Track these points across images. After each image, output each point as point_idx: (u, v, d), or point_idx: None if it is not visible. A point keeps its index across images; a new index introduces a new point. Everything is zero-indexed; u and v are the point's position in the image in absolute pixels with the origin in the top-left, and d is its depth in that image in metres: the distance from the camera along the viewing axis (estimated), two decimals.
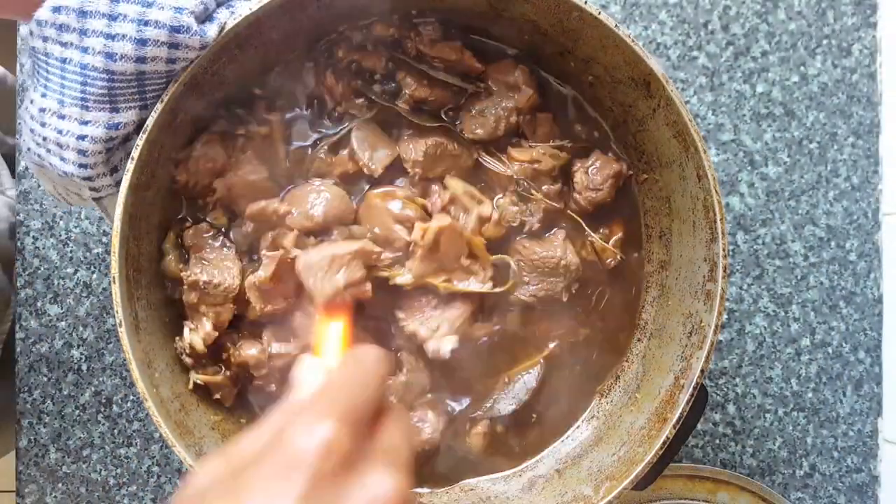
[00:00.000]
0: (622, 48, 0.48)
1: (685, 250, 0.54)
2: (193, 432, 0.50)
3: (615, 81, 0.53)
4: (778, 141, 0.69)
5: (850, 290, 0.69)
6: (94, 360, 0.67)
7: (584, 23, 0.49)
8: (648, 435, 0.50)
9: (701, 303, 0.50)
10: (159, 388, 0.48)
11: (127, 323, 0.46)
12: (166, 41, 0.43)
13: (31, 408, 0.67)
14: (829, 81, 0.69)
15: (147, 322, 0.50)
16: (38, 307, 0.67)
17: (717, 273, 0.48)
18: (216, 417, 0.54)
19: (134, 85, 0.45)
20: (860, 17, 0.70)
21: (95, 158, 0.46)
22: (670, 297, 0.56)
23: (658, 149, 0.54)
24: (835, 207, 0.69)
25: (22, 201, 0.67)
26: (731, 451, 0.68)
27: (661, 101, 0.49)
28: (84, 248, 0.68)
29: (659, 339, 0.56)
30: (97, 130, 0.45)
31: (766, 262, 0.69)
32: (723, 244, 0.47)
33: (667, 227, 0.56)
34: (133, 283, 0.48)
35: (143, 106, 0.46)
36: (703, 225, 0.50)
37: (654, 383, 0.53)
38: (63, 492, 0.67)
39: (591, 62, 0.54)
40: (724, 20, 0.69)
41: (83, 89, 0.44)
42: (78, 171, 0.46)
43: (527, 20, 0.53)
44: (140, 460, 0.67)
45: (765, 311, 0.68)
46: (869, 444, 0.68)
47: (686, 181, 0.51)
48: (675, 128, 0.50)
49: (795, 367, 0.68)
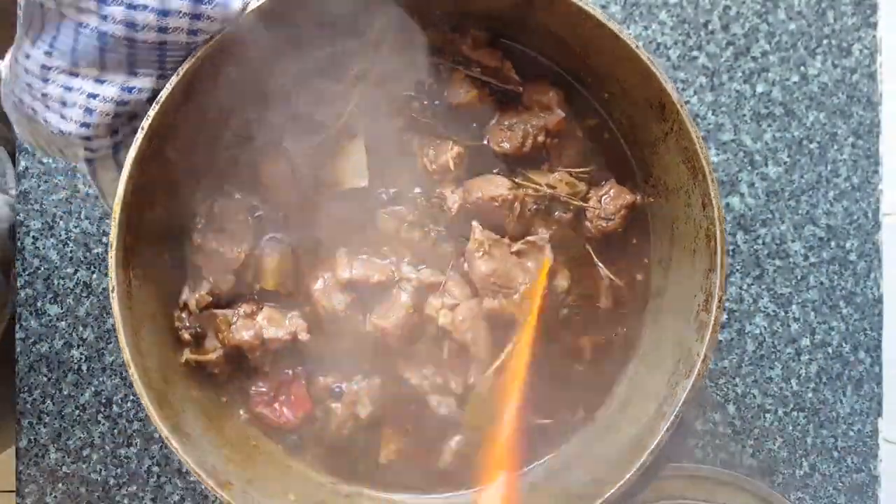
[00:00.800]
0: (640, 68, 0.48)
1: (683, 278, 0.54)
2: (173, 405, 0.50)
3: (630, 101, 0.53)
4: (778, 141, 0.69)
5: (850, 290, 0.69)
6: (94, 360, 0.67)
7: (605, 38, 0.49)
8: (626, 459, 0.49)
9: (693, 332, 0.50)
10: (145, 357, 0.49)
11: (120, 290, 0.47)
12: (188, 12, 0.44)
13: (31, 408, 0.67)
14: (829, 81, 0.69)
15: (139, 291, 0.50)
16: (37, 307, 0.67)
17: (712, 304, 0.48)
18: (198, 394, 0.54)
19: (155, 54, 0.45)
20: (860, 17, 0.70)
21: (101, 119, 0.46)
22: (663, 323, 0.56)
23: (666, 173, 0.54)
24: (835, 207, 0.69)
25: (22, 201, 0.67)
26: (731, 451, 0.68)
27: (674, 125, 0.49)
28: (84, 248, 0.68)
29: (647, 365, 0.56)
30: (111, 90, 0.45)
31: (766, 262, 0.69)
32: (721, 276, 0.47)
33: (667, 253, 0.56)
34: (130, 251, 0.49)
35: (161, 75, 0.46)
36: (703, 254, 0.50)
37: (637, 408, 0.53)
38: (63, 492, 0.67)
39: (607, 79, 0.54)
40: (724, 20, 0.69)
41: (101, 54, 0.44)
42: (78, 130, 0.46)
43: (549, 31, 0.53)
44: (140, 460, 0.67)
45: (765, 311, 0.68)
46: (869, 444, 0.68)
47: (691, 208, 0.51)
48: (686, 154, 0.50)
49: (795, 367, 0.68)
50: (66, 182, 0.68)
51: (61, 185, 0.68)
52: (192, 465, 0.47)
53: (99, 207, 0.68)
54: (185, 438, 0.49)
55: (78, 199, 0.68)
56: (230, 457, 0.52)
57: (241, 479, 0.50)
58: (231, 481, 0.49)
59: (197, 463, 0.47)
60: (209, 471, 0.48)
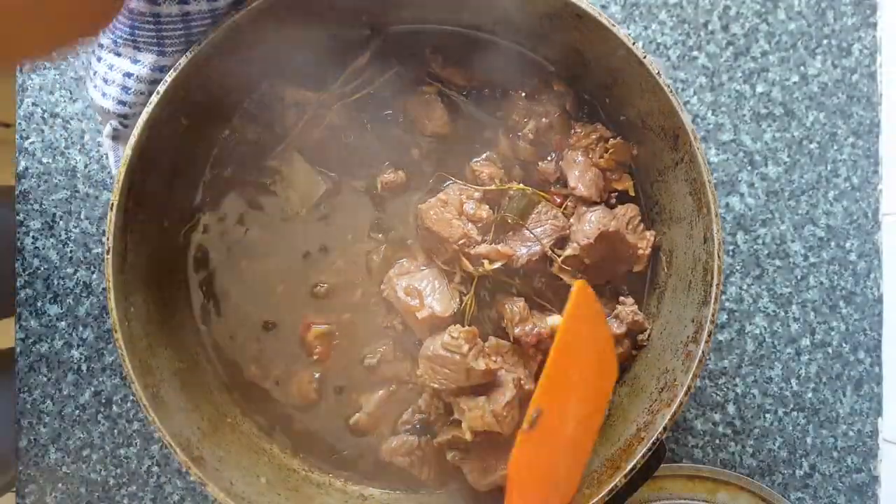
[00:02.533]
0: (660, 97, 0.49)
1: (675, 307, 0.54)
2: (154, 373, 0.51)
3: (645, 127, 0.54)
4: (778, 141, 0.69)
5: (850, 290, 0.69)
6: (94, 360, 0.67)
7: (627, 62, 0.49)
8: (598, 479, 0.50)
9: (679, 361, 0.50)
10: (131, 322, 0.49)
11: (115, 251, 0.48)
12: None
13: (31, 408, 0.67)
14: (829, 81, 0.69)
15: (134, 256, 0.51)
16: (37, 307, 0.67)
17: (702, 336, 0.48)
18: (181, 365, 0.55)
19: (180, 28, 0.48)
20: (860, 17, 0.70)
21: (136, 98, 0.50)
22: (650, 351, 0.56)
23: (672, 202, 0.54)
24: (835, 207, 0.69)
25: (22, 201, 0.67)
26: (731, 451, 0.68)
27: (686, 155, 0.50)
28: (84, 248, 0.68)
29: (630, 388, 0.56)
30: (144, 70, 0.49)
31: (765, 262, 0.69)
32: (713, 309, 0.47)
33: (663, 281, 0.56)
34: (130, 214, 0.50)
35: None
36: (698, 286, 0.50)
37: (616, 430, 0.53)
38: (63, 492, 0.67)
39: (625, 104, 0.54)
40: (724, 20, 0.69)
41: (133, 32, 0.47)
42: (115, 108, 0.50)
43: (573, 49, 0.53)
44: (140, 460, 0.67)
45: (765, 311, 0.68)
46: (869, 444, 0.68)
47: (692, 240, 0.51)
48: (693, 185, 0.50)
49: (795, 367, 0.68)
50: (66, 182, 0.68)
51: (61, 185, 0.68)
52: (167, 435, 0.47)
53: (99, 207, 0.68)
54: (162, 408, 0.49)
55: (78, 199, 0.68)
56: (206, 432, 0.53)
57: (213, 457, 0.51)
58: (203, 457, 0.49)
59: (171, 434, 0.48)
60: (183, 444, 0.48)
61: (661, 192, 0.56)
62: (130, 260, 0.50)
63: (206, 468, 0.49)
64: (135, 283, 0.51)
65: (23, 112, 0.68)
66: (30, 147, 0.68)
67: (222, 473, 0.50)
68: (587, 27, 0.49)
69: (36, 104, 0.68)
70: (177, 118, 0.51)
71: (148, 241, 0.53)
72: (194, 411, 0.53)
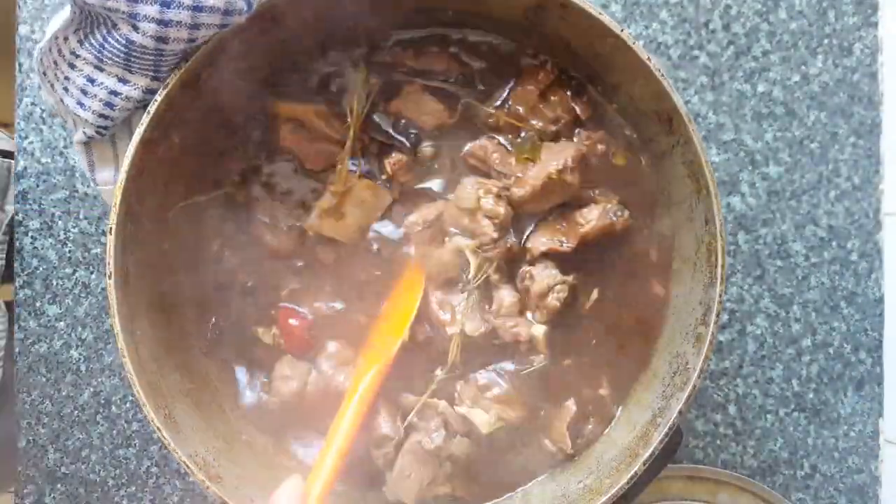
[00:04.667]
0: (651, 81, 0.48)
1: (682, 290, 0.54)
2: (165, 395, 0.50)
3: (639, 113, 0.53)
4: (779, 140, 0.69)
5: (852, 290, 0.69)
6: (93, 360, 0.67)
7: (616, 49, 0.49)
8: (617, 468, 0.49)
9: (690, 345, 0.50)
10: (139, 346, 0.49)
11: (117, 275, 0.47)
12: (218, 23, 0.45)
13: (30, 408, 0.67)
14: (830, 81, 0.69)
15: (137, 279, 0.50)
16: (36, 307, 0.67)
17: (710, 318, 0.48)
18: (191, 386, 0.54)
19: (179, 57, 0.47)
20: (861, 17, 0.69)
21: (121, 113, 0.48)
22: (660, 335, 0.56)
23: (671, 185, 0.54)
24: (836, 207, 0.69)
25: (20, 201, 0.67)
26: (731, 452, 0.68)
27: (682, 138, 0.49)
28: (83, 248, 0.67)
29: (643, 375, 0.56)
30: (135, 92, 0.47)
31: (767, 262, 0.68)
32: (720, 290, 0.47)
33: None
34: (129, 237, 0.49)
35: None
36: (703, 268, 0.50)
37: (632, 417, 0.53)
38: (62, 492, 0.67)
39: (617, 90, 0.54)
40: (725, 19, 0.69)
41: (128, 59, 0.46)
42: (96, 120, 0.48)
43: (560, 38, 0.53)
44: (139, 461, 0.67)
45: (766, 312, 0.68)
46: (870, 444, 0.68)
47: (693, 222, 0.51)
48: (691, 168, 0.50)
49: (796, 367, 0.68)
50: (64, 182, 0.67)
51: (60, 184, 0.67)
52: (183, 457, 0.47)
53: (98, 207, 0.67)
54: (175, 430, 0.49)
55: (77, 198, 0.67)
56: (222, 451, 0.52)
57: (231, 475, 0.50)
58: (221, 475, 0.49)
59: (188, 456, 0.47)
60: (200, 464, 0.48)
61: (659, 177, 0.55)
62: (133, 282, 0.49)
63: (226, 488, 0.48)
64: (139, 306, 0.50)
65: (22, 112, 0.67)
66: (28, 147, 0.67)
67: (243, 491, 0.49)
68: (573, 16, 0.49)
69: (35, 104, 0.67)
70: (169, 136, 0.50)
71: (149, 260, 0.52)
72: (209, 431, 0.53)
